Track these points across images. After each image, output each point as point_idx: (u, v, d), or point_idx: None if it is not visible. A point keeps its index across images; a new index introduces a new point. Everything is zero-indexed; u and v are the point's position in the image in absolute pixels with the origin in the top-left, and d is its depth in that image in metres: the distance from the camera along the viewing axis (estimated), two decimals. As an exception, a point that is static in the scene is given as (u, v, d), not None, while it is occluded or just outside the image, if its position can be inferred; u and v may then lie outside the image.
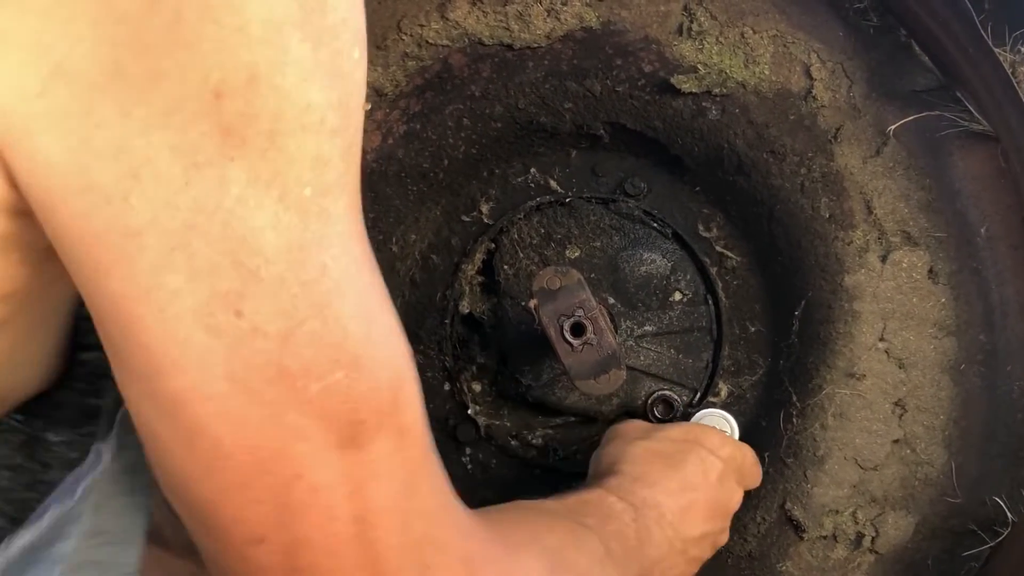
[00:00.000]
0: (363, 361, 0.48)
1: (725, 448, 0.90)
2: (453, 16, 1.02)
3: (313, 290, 0.46)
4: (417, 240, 1.10)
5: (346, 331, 0.48)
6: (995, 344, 0.96)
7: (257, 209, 0.45)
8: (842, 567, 0.98)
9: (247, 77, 0.44)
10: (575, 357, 0.91)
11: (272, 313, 0.46)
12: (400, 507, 0.51)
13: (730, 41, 0.99)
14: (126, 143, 0.43)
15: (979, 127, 0.94)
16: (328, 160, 0.47)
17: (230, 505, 0.48)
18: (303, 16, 0.45)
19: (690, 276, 1.07)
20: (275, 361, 0.46)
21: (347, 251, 0.48)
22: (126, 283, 0.45)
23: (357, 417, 0.48)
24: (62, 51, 0.42)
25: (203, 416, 0.46)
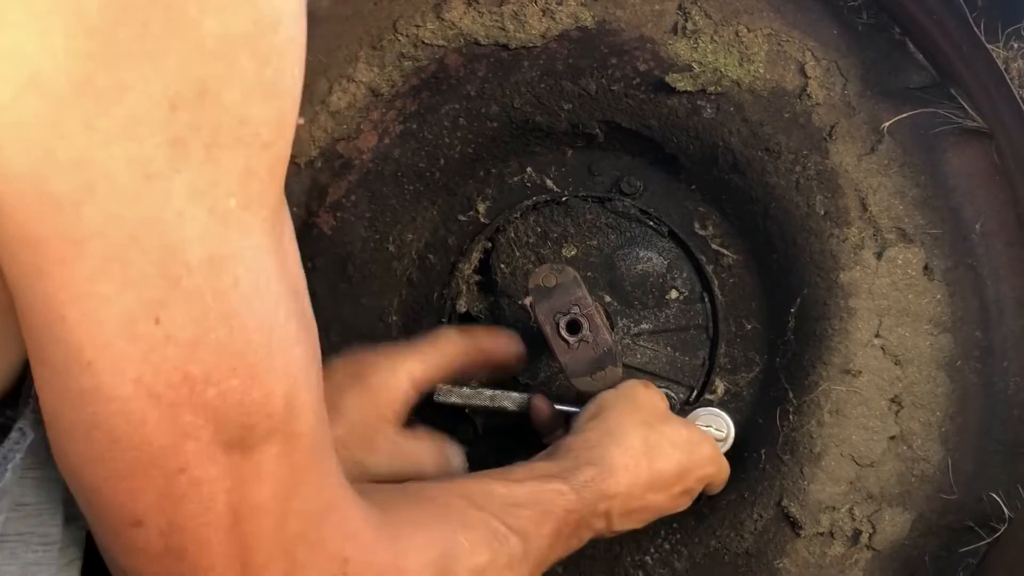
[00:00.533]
0: (259, 370, 0.51)
1: (709, 468, 0.91)
2: (449, 16, 1.02)
3: (224, 300, 0.49)
4: (414, 240, 1.10)
5: (248, 341, 0.50)
6: (991, 340, 0.97)
7: (191, 221, 0.47)
8: (839, 564, 0.98)
9: (198, 90, 0.46)
10: (571, 355, 0.91)
11: (186, 320, 0.48)
12: (278, 507, 0.54)
13: (724, 40, 0.99)
14: (87, 155, 0.44)
15: (973, 124, 0.94)
16: (255, 173, 0.49)
17: (116, 491, 0.51)
18: (256, 34, 0.47)
19: (686, 274, 1.08)
20: (181, 367, 0.48)
21: (259, 263, 0.51)
22: (60, 286, 0.46)
23: (248, 421, 0.51)
24: (37, 62, 0.43)
25: (104, 413, 0.49)
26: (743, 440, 1.02)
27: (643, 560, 1.02)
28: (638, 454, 0.84)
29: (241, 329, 0.50)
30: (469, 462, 1.11)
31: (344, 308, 1.07)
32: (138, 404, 0.48)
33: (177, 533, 0.51)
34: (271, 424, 0.52)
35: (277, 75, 0.49)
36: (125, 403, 0.48)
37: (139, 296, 0.47)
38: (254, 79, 0.48)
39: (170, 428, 0.49)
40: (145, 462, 0.49)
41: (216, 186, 0.48)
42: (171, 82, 0.45)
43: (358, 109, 1.05)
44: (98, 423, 0.49)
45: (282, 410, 0.52)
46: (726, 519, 1.00)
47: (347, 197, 1.06)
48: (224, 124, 0.47)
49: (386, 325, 1.09)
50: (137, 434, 0.49)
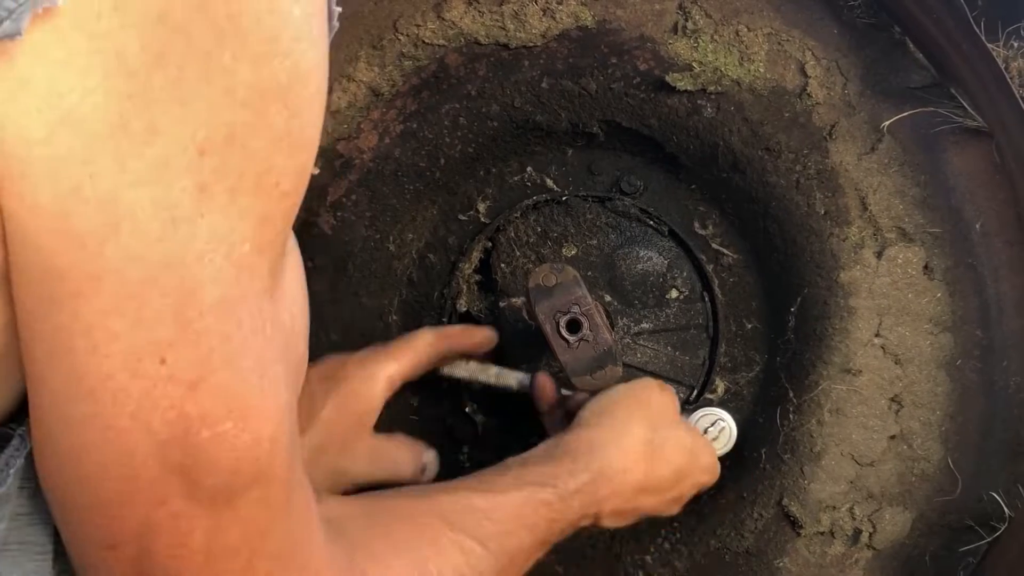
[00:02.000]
0: (251, 413, 0.51)
1: (704, 477, 0.92)
2: (449, 16, 1.02)
3: (228, 343, 0.49)
4: (414, 239, 1.10)
5: (246, 384, 0.51)
6: (991, 339, 0.97)
7: (209, 265, 0.47)
8: (839, 563, 0.98)
9: (226, 136, 0.46)
10: (571, 354, 0.91)
11: (191, 363, 0.48)
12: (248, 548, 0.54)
13: (725, 39, 1.00)
14: (116, 195, 0.45)
15: (973, 123, 0.94)
16: (271, 220, 0.50)
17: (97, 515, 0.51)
18: (288, 86, 0.48)
19: (686, 273, 1.08)
20: (178, 406, 0.49)
21: (260, 306, 0.51)
22: (72, 318, 0.47)
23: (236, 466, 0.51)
24: (73, 100, 0.43)
25: (97, 442, 0.49)
26: (743, 439, 1.02)
27: (643, 560, 1.02)
28: (638, 457, 0.84)
29: (240, 372, 0.50)
30: (469, 461, 1.11)
31: (344, 307, 1.07)
32: (132, 437, 0.49)
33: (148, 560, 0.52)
34: (256, 468, 0.52)
35: (303, 127, 0.50)
36: (120, 434, 0.49)
37: (149, 335, 0.47)
38: (282, 130, 0.48)
39: (159, 463, 0.49)
40: (130, 492, 0.50)
41: (234, 231, 0.48)
42: (201, 127, 0.45)
43: (358, 109, 1.05)
44: (90, 449, 0.49)
45: (267, 453, 0.53)
46: (726, 518, 1.00)
47: (347, 196, 1.06)
48: (248, 171, 0.48)
49: (386, 325, 1.09)
50: (127, 465, 0.49)
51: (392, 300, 1.09)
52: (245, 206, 0.48)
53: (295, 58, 0.48)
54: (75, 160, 0.44)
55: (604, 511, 0.82)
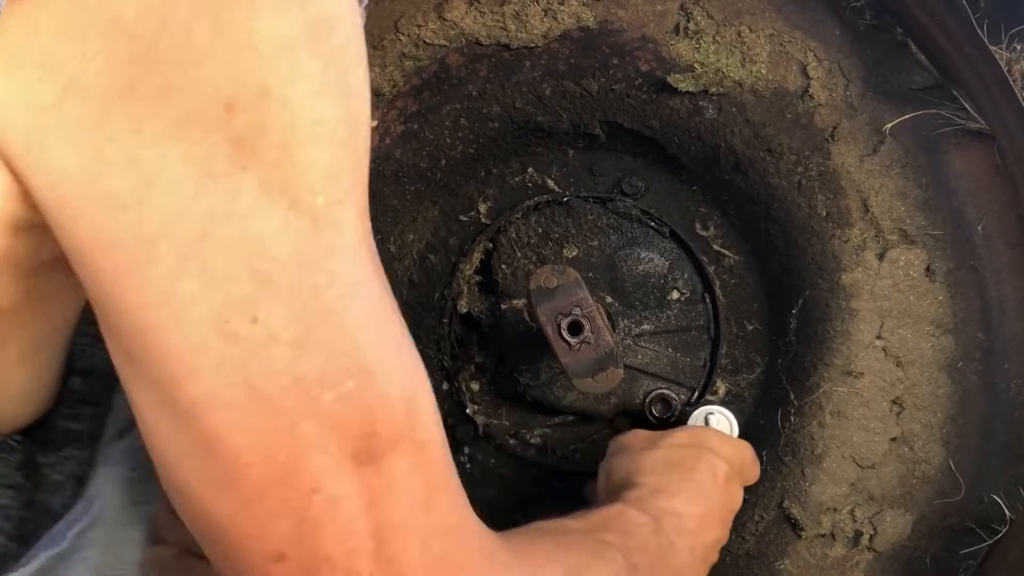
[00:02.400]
0: (374, 371, 0.48)
1: (727, 449, 0.90)
2: (450, 16, 1.02)
3: (323, 296, 0.46)
4: (415, 240, 1.10)
5: (356, 340, 0.48)
6: (993, 342, 0.96)
7: (269, 216, 0.45)
8: (840, 565, 0.98)
9: (258, 92, 0.45)
10: (572, 356, 0.91)
11: (286, 319, 0.45)
12: (418, 525, 0.50)
13: (727, 40, 0.99)
14: (138, 154, 0.44)
15: (975, 125, 0.94)
16: (339, 172, 0.48)
17: (249, 519, 0.47)
18: (312, 36, 0.47)
19: (688, 275, 1.08)
20: (290, 368, 0.46)
21: (356, 260, 0.49)
22: (142, 290, 0.45)
23: (371, 429, 0.47)
24: (74, 68, 0.43)
25: (220, 424, 0.46)
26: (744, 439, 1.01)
27: (644, 561, 1.02)
28: (663, 469, 0.84)
29: (346, 327, 0.47)
30: (470, 462, 1.11)
31: (345, 308, 1.07)
32: (253, 412, 0.45)
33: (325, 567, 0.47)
34: (396, 431, 0.48)
35: (342, 75, 0.48)
36: (241, 410, 0.45)
37: (227, 293, 0.45)
38: (319, 79, 0.47)
39: (292, 439, 0.46)
40: (272, 479, 0.46)
41: (295, 183, 0.46)
42: (225, 84, 0.44)
43: (359, 109, 1.05)
44: (216, 437, 0.46)
45: (404, 416, 0.49)
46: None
47: (348, 197, 1.06)
48: (298, 123, 0.46)
49: (387, 325, 1.09)
50: (257, 446, 0.46)
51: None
52: (303, 158, 0.46)
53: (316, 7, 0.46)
54: (89, 124, 0.43)
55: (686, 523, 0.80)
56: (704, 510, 0.83)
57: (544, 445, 1.10)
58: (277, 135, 0.46)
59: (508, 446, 1.10)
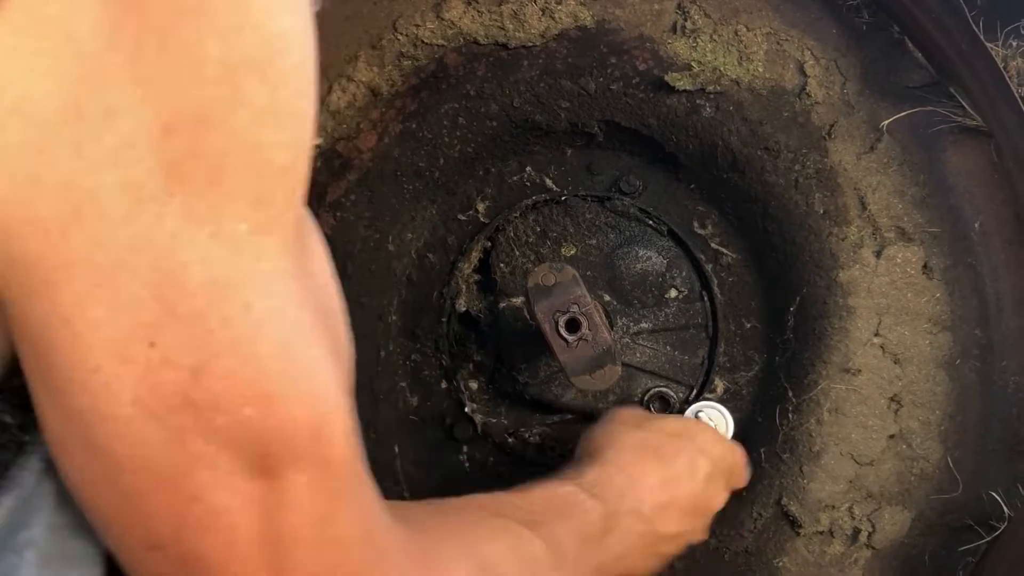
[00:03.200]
0: (276, 399, 0.49)
1: (717, 448, 0.90)
2: (448, 16, 1.02)
3: (232, 326, 0.47)
4: (413, 239, 1.10)
5: (261, 369, 0.48)
6: (990, 339, 0.97)
7: (189, 244, 0.46)
8: (839, 562, 0.98)
9: (196, 116, 0.45)
10: (570, 353, 0.91)
11: (185, 346, 0.46)
12: (313, 535, 0.52)
13: (724, 39, 1.00)
14: (74, 181, 0.43)
15: (972, 122, 0.94)
16: (269, 198, 0.48)
17: (128, 513, 0.49)
18: (266, 57, 0.46)
19: (685, 273, 1.08)
20: (182, 391, 0.47)
21: (274, 289, 0.49)
22: (48, 310, 0.46)
23: (267, 451, 0.49)
24: (22, 88, 0.42)
25: (103, 434, 0.48)
26: (743, 439, 1.02)
27: (643, 559, 1.02)
28: (638, 451, 0.84)
29: (252, 357, 0.48)
30: (469, 460, 1.11)
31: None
32: (138, 425, 0.47)
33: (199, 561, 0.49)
34: (295, 452, 0.50)
35: (290, 98, 0.48)
36: (124, 424, 0.47)
37: (131, 319, 0.46)
38: (265, 104, 0.46)
39: (178, 452, 0.47)
40: (152, 484, 0.48)
41: (220, 211, 0.46)
42: (165, 105, 0.44)
43: (358, 109, 1.05)
44: (98, 443, 0.48)
45: (307, 438, 0.50)
46: (725, 518, 1.00)
47: (347, 197, 1.06)
48: (231, 149, 0.46)
49: (386, 325, 1.09)
50: (139, 455, 0.48)
51: (392, 300, 1.09)
52: (232, 186, 0.46)
53: (269, 28, 0.46)
54: (29, 149, 0.43)
55: (645, 508, 0.80)
56: (668, 499, 0.83)
57: (543, 443, 1.10)
58: (209, 160, 0.45)
59: (507, 444, 1.10)
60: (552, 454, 1.10)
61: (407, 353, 1.10)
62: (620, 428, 0.87)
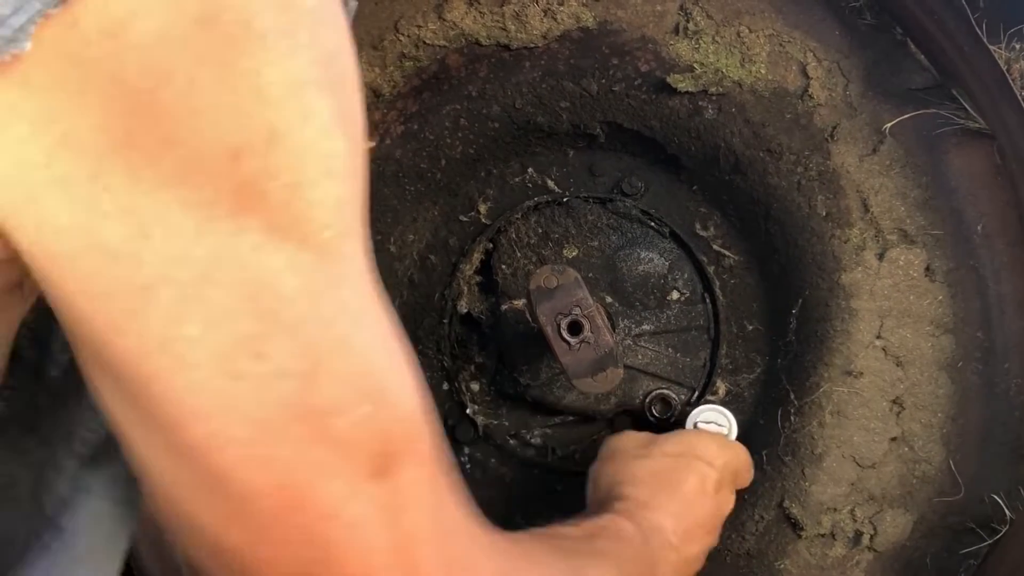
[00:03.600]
0: (389, 391, 0.49)
1: (721, 457, 0.90)
2: (450, 17, 1.02)
3: (334, 326, 0.47)
4: (415, 240, 1.10)
5: (370, 363, 0.48)
6: (993, 341, 0.96)
7: (275, 253, 0.45)
8: (840, 565, 0.98)
9: (267, 137, 0.44)
10: (572, 356, 0.91)
11: (295, 352, 0.46)
12: (435, 531, 0.51)
13: (726, 40, 0.99)
14: (135, 203, 0.43)
15: (975, 125, 0.94)
16: (346, 204, 0.48)
17: (262, 548, 0.47)
18: (320, 71, 0.46)
19: (687, 275, 1.08)
20: (300, 400, 0.46)
21: (363, 287, 0.49)
22: (141, 338, 0.44)
23: (387, 448, 0.48)
24: (68, 122, 0.42)
25: (227, 460, 0.46)
26: (744, 441, 1.02)
27: (644, 561, 1.02)
28: (650, 482, 0.84)
29: (359, 353, 0.48)
30: (470, 462, 1.11)
31: (345, 309, 1.07)
32: (260, 445, 0.45)
33: None
34: (407, 447, 0.49)
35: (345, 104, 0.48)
36: (245, 446, 0.45)
37: (231, 333, 0.44)
38: (328, 114, 0.46)
39: (304, 466, 0.46)
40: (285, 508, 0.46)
41: (304, 220, 0.46)
42: (230, 133, 0.44)
43: (359, 109, 1.05)
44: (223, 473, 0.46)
45: (416, 430, 0.50)
46: (727, 520, 1.00)
47: (348, 198, 1.06)
48: (308, 162, 0.46)
49: (387, 326, 1.09)
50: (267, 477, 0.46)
51: (393, 301, 1.09)
52: (315, 196, 0.46)
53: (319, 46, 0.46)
54: (82, 178, 0.42)
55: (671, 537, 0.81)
56: (690, 523, 0.84)
57: (544, 445, 1.10)
58: (287, 176, 0.45)
59: (508, 446, 1.10)
60: (553, 456, 1.10)
61: (408, 354, 1.10)
62: (624, 461, 0.87)
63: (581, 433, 1.10)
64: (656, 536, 0.80)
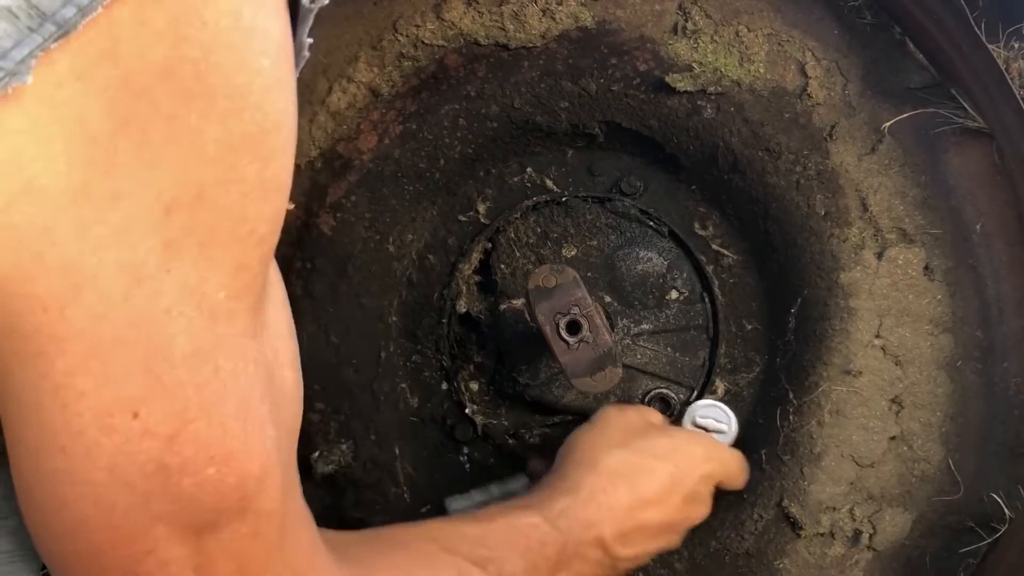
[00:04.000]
0: (235, 456, 0.50)
1: (703, 467, 0.89)
2: (448, 16, 1.02)
3: (204, 392, 0.49)
4: (414, 240, 1.10)
5: (225, 429, 0.50)
6: (991, 340, 0.96)
7: (178, 318, 0.47)
8: (840, 564, 0.98)
9: (195, 194, 0.45)
10: (571, 355, 0.91)
11: (166, 415, 0.48)
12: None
13: (725, 39, 0.99)
14: (78, 260, 0.44)
15: (974, 124, 0.94)
16: (248, 266, 0.49)
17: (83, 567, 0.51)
18: (259, 136, 0.47)
19: (686, 274, 1.08)
20: (156, 458, 0.48)
21: (240, 350, 0.50)
22: (39, 377, 0.47)
23: (222, 506, 0.51)
24: (35, 169, 0.42)
25: (74, 496, 0.49)
26: (744, 441, 1.02)
27: (643, 560, 1.02)
28: (614, 476, 0.84)
29: (219, 418, 0.49)
30: (469, 462, 1.11)
31: (344, 309, 1.07)
32: (109, 491, 0.48)
33: None
34: (242, 505, 0.52)
35: (277, 173, 0.49)
36: (95, 488, 0.48)
37: (118, 391, 0.47)
38: (255, 180, 0.48)
39: (141, 514, 0.49)
40: (112, 543, 0.50)
41: (206, 282, 0.47)
42: (168, 187, 0.45)
43: (358, 109, 1.05)
44: (68, 504, 0.49)
45: (254, 490, 0.52)
46: (726, 519, 1.00)
47: (347, 197, 1.06)
48: (221, 224, 0.47)
49: (386, 326, 1.09)
50: (105, 518, 0.49)
51: (392, 301, 1.09)
52: (218, 257, 0.47)
53: (265, 109, 0.47)
54: (35, 229, 0.43)
55: (607, 536, 0.81)
56: (634, 526, 0.83)
57: (543, 445, 1.10)
58: (201, 235, 0.46)
59: (507, 446, 1.10)
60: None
61: (407, 354, 1.10)
62: (604, 446, 0.87)
63: (580, 433, 1.10)
64: (588, 534, 0.80)
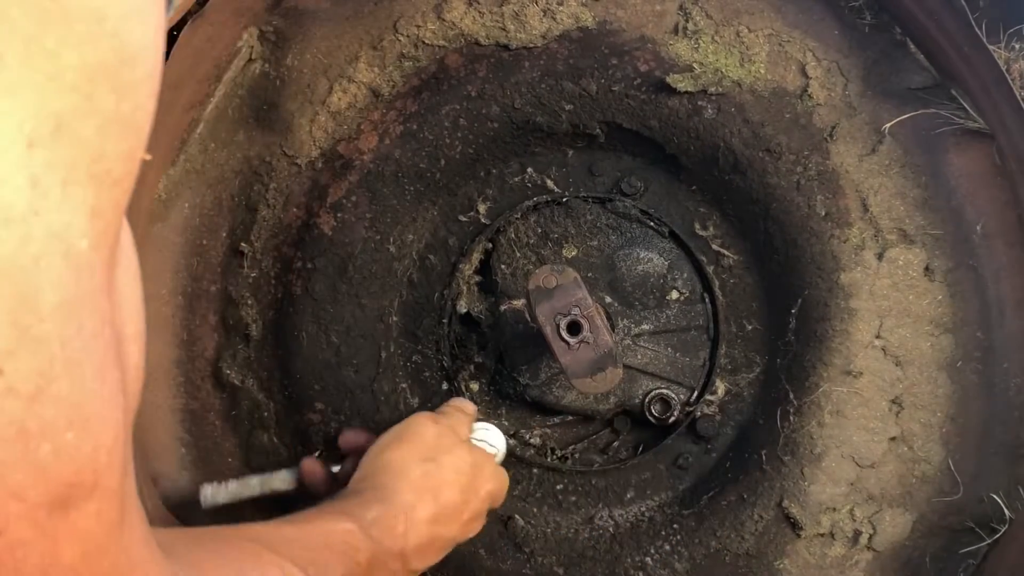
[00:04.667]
0: (92, 421, 0.48)
1: (491, 484, 0.91)
2: (449, 17, 1.02)
3: (69, 349, 0.46)
4: (415, 240, 1.10)
5: (85, 391, 0.47)
6: (992, 341, 0.97)
7: (47, 266, 0.44)
8: (840, 564, 0.98)
9: (55, 126, 0.44)
10: (572, 355, 0.91)
11: (30, 371, 0.45)
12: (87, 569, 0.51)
13: (725, 40, 0.99)
14: None
15: (974, 124, 0.94)
16: (103, 211, 0.47)
17: None
18: (116, 66, 0.46)
19: (687, 275, 1.08)
20: (18, 420, 0.45)
21: (100, 309, 0.48)
22: None
23: (77, 479, 0.48)
24: None
25: None
26: (744, 441, 1.02)
27: (643, 561, 1.02)
28: (422, 489, 0.85)
29: (81, 378, 0.47)
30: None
31: (344, 309, 1.07)
32: None
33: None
34: (94, 479, 0.49)
35: (134, 110, 0.48)
36: None
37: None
38: (112, 113, 0.46)
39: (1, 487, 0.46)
40: None
41: (71, 227, 0.45)
42: (28, 118, 0.43)
43: (358, 109, 1.05)
44: None
45: (105, 464, 0.49)
46: (727, 520, 1.00)
47: (348, 198, 1.06)
48: (80, 161, 0.45)
49: (386, 326, 1.09)
50: None
51: (392, 301, 1.09)
52: (79, 199, 0.45)
53: (123, 38, 0.46)
54: None
55: (408, 548, 0.82)
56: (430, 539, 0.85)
57: (543, 445, 1.10)
58: (61, 173, 0.44)
59: (507, 446, 1.10)
60: (552, 456, 1.10)
61: (408, 354, 1.10)
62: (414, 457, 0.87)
63: (580, 433, 1.10)
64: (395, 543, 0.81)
